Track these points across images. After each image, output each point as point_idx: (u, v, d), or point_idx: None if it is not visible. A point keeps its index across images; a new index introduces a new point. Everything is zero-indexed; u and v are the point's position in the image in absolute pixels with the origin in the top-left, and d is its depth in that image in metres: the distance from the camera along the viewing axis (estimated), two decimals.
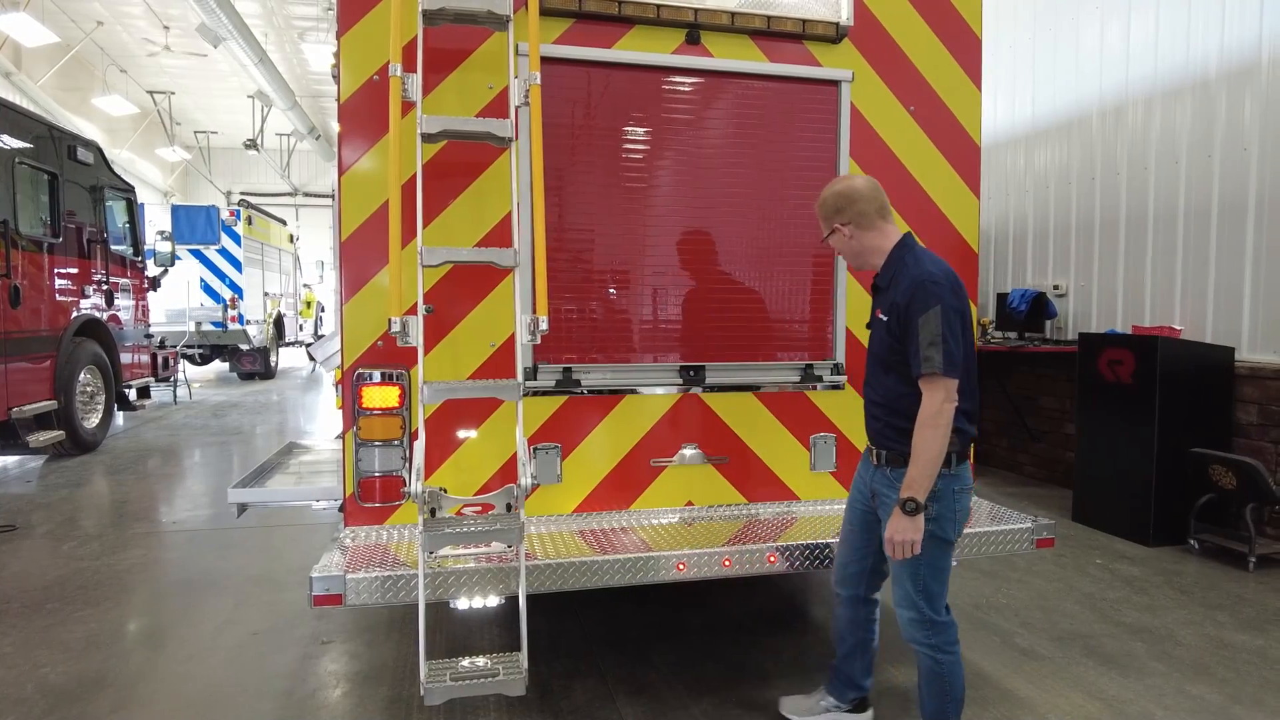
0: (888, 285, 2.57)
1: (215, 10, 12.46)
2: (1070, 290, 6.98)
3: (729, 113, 3.47)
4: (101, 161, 9.17)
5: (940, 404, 2.36)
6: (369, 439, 3.09)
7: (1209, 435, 5.37)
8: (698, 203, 3.47)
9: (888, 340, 2.53)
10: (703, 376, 3.46)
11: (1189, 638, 3.89)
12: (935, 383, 2.37)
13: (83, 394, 8.46)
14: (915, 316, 2.39)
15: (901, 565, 2.53)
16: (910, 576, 2.53)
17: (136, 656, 3.67)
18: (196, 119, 23.67)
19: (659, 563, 2.92)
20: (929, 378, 2.37)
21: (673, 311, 3.48)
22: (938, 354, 2.34)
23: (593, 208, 3.36)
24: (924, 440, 2.37)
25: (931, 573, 2.52)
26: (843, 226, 2.61)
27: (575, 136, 3.31)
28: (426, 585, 2.70)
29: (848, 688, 2.97)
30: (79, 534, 5.60)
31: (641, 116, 3.38)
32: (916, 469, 2.37)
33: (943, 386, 2.36)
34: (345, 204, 3.09)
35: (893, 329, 2.49)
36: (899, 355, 2.49)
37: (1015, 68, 7.57)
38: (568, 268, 3.33)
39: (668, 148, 3.42)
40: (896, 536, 2.41)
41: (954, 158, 3.68)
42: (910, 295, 2.42)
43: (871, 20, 3.55)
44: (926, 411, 2.37)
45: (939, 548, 2.51)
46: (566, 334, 3.35)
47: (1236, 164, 5.48)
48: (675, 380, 3.45)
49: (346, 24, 3.07)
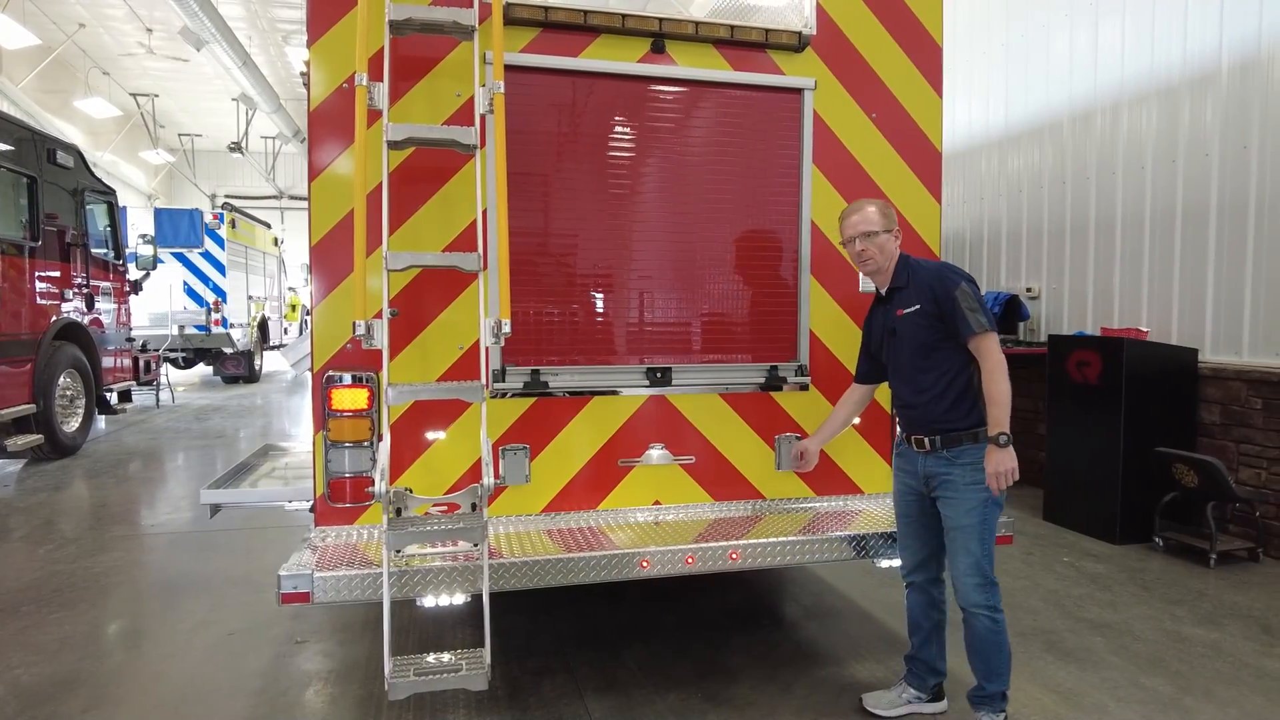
0: (905, 285, 2.96)
1: (198, 13, 12.44)
2: (1042, 293, 7.10)
3: (694, 120, 3.55)
4: (81, 165, 9.16)
5: (999, 354, 2.78)
6: (339, 440, 3.14)
7: (1174, 435, 5.49)
8: (664, 208, 3.54)
9: (924, 325, 2.89)
10: (669, 378, 3.53)
11: (1147, 632, 3.98)
12: (990, 339, 2.79)
13: (62, 398, 8.45)
14: (952, 290, 2.81)
15: (970, 535, 2.83)
16: (979, 541, 2.83)
17: (111, 657, 3.70)
18: (181, 122, 23.57)
19: (623, 560, 2.98)
20: (984, 335, 2.78)
21: (640, 314, 3.55)
22: (983, 316, 2.79)
23: (560, 213, 3.42)
24: (1000, 385, 2.76)
25: (991, 534, 2.86)
26: (898, 231, 3.02)
27: (542, 143, 3.37)
28: (393, 584, 2.76)
29: (928, 674, 3.15)
30: (56, 537, 5.61)
31: (608, 124, 3.45)
32: (999, 409, 2.75)
33: (994, 340, 2.79)
34: (315, 209, 3.14)
35: (927, 312, 2.87)
36: (938, 335, 2.87)
37: (989, 73, 7.69)
38: (536, 272, 3.39)
39: (634, 155, 3.49)
40: (1001, 468, 2.74)
41: (916, 164, 3.76)
42: (939, 277, 2.87)
43: (834, 29, 3.63)
44: (992, 362, 2.77)
45: (995, 512, 2.88)
46: (535, 336, 3.41)
47: (1199, 169, 5.60)
48: (642, 382, 3.51)
49: (316, 33, 3.13)
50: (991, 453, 2.77)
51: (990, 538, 2.85)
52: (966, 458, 2.86)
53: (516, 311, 3.31)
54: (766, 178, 3.62)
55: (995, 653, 2.88)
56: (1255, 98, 5.22)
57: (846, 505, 3.72)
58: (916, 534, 3.10)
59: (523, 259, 3.33)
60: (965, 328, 2.79)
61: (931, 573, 3.12)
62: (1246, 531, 5.22)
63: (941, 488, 2.92)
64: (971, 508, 2.84)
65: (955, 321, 2.81)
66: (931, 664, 3.14)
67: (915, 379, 2.96)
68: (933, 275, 2.90)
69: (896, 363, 3.04)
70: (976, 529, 2.83)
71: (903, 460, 3.11)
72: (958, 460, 2.88)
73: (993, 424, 2.76)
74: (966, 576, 2.86)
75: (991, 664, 2.89)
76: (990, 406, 2.77)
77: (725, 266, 3.63)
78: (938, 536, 3.03)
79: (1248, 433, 5.24)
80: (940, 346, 2.89)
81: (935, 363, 2.90)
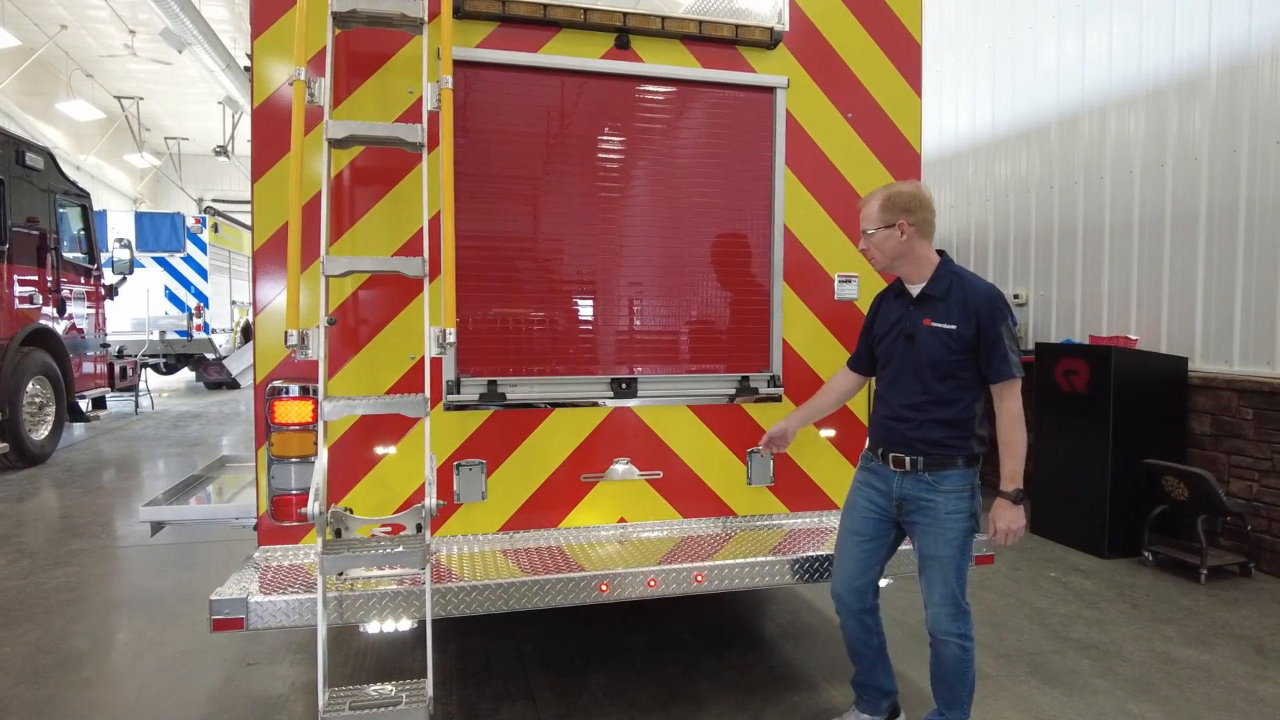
0: (944, 296, 2.70)
1: (179, 15, 12.26)
2: (1030, 299, 6.96)
3: (660, 120, 3.39)
4: (53, 167, 8.97)
5: (1020, 405, 2.64)
6: (283, 455, 2.97)
7: (1164, 446, 5.35)
8: (629, 212, 3.38)
9: (953, 348, 2.66)
10: (635, 389, 3.37)
11: (1135, 653, 3.83)
12: (1015, 386, 2.65)
13: (30, 405, 8.24)
14: (999, 325, 2.62)
15: (948, 565, 2.68)
16: (956, 571, 2.68)
17: (48, 683, 3.51)
18: (166, 125, 23.36)
19: (579, 584, 2.82)
20: (1012, 382, 2.64)
21: (604, 324, 3.39)
22: (1019, 360, 2.65)
23: (518, 216, 3.26)
24: (1019, 436, 2.64)
25: (967, 563, 2.72)
26: (909, 225, 2.69)
27: (499, 143, 3.21)
28: (332, 609, 2.59)
29: (879, 697, 2.99)
30: (10, 550, 5.41)
31: (569, 123, 3.29)
32: (1015, 462, 2.64)
33: (1018, 389, 2.66)
34: (258, 212, 2.98)
35: (962, 336, 2.64)
36: (962, 361, 2.66)
37: (975, 77, 7.57)
38: (492, 277, 3.23)
39: (596, 156, 3.33)
40: (1009, 525, 2.64)
41: (894, 166, 3.61)
42: (991, 307, 2.64)
43: (808, 26, 3.49)
44: (1013, 412, 2.64)
45: (972, 541, 2.73)
46: (492, 345, 3.25)
47: (1188, 174, 5.48)
48: (607, 394, 3.35)
49: (260, 26, 2.97)
50: (1004, 508, 2.65)
51: (967, 568, 2.73)
52: (950, 484, 2.68)
53: (472, 319, 3.15)
54: (737, 180, 3.47)
55: (960, 680, 2.74)
56: (1245, 101, 5.10)
57: (821, 522, 3.56)
58: (863, 556, 2.86)
59: (478, 264, 3.17)
60: (999, 369, 2.62)
61: (866, 602, 2.88)
62: (1238, 545, 5.08)
63: (919, 514, 2.73)
64: (952, 539, 2.68)
65: (992, 358, 2.62)
66: (880, 687, 2.98)
67: (916, 395, 2.72)
68: (983, 301, 2.64)
69: (899, 370, 2.77)
70: (955, 559, 2.68)
71: (873, 477, 2.86)
72: (940, 487, 2.69)
73: (1008, 478, 2.65)
74: (941, 606, 2.70)
75: (955, 691, 2.76)
76: (1007, 459, 2.65)
77: (694, 273, 3.47)
78: (883, 563, 2.88)
79: (1239, 444, 5.11)
80: (959, 373, 2.67)
81: (946, 386, 2.68)
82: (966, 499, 2.69)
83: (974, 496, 2.72)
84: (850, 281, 3.56)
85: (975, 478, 2.73)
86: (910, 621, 4.18)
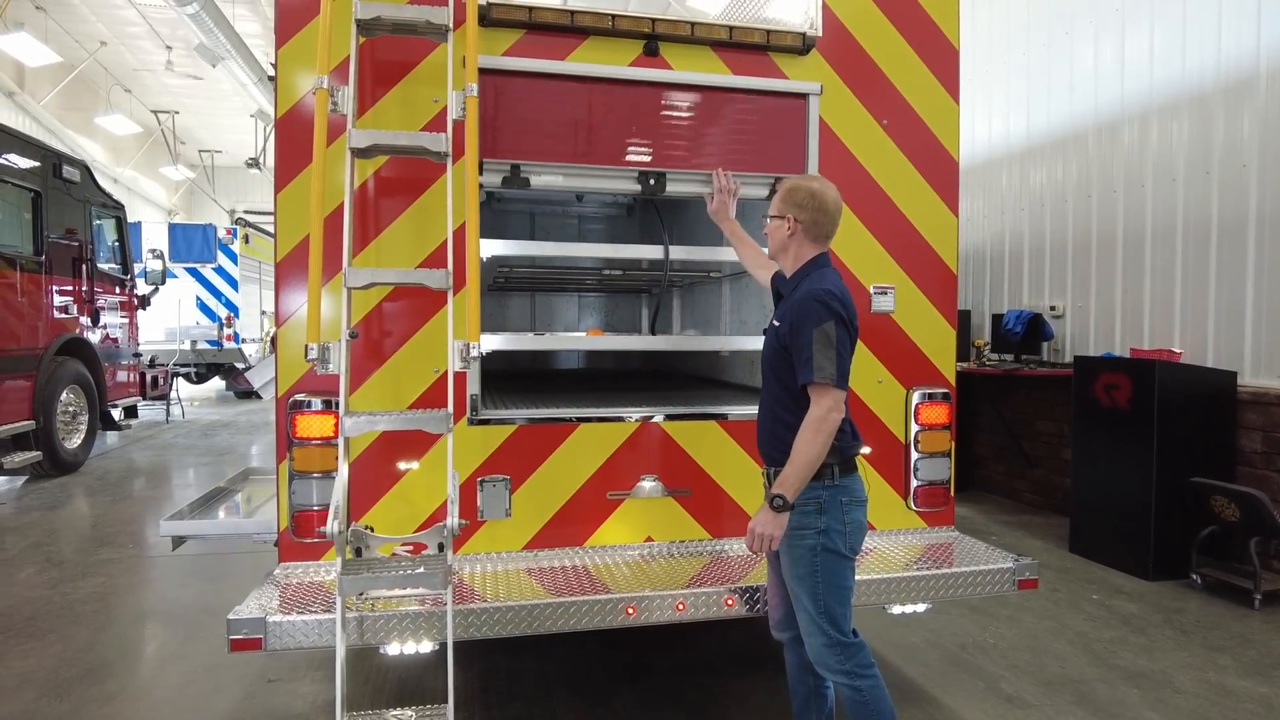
0: (790, 294, 2.53)
1: (214, 30, 12.46)
2: (1067, 311, 6.77)
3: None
4: (89, 180, 9.11)
5: (827, 410, 2.33)
6: (304, 470, 2.92)
7: (1210, 464, 5.13)
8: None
9: (776, 346, 2.50)
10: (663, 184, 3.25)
11: (1188, 684, 3.65)
12: (825, 391, 2.35)
13: (64, 414, 8.34)
14: (810, 326, 2.36)
15: (801, 589, 2.46)
16: (810, 597, 2.44)
17: (70, 695, 3.49)
18: (200, 138, 23.77)
19: (605, 607, 2.72)
20: (820, 386, 2.34)
21: None
22: (831, 365, 2.33)
23: None
24: (805, 443, 2.33)
25: (830, 590, 2.44)
26: (795, 222, 2.54)
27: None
28: (352, 630, 2.52)
29: None
30: (40, 560, 5.44)
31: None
32: (792, 469, 2.34)
33: (831, 395, 2.35)
34: (281, 223, 2.94)
35: (782, 334, 2.47)
36: (786, 362, 2.45)
37: (1009, 84, 7.41)
38: None
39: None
40: (758, 529, 2.38)
41: (930, 174, 3.49)
42: (803, 306, 2.40)
43: (841, 31, 3.39)
44: (813, 415, 2.34)
45: (834, 562, 2.44)
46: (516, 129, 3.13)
47: (1236, 181, 5.28)
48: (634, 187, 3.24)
49: (284, 35, 2.94)
50: (761, 510, 2.39)
51: (831, 590, 2.42)
52: None
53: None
54: None
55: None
56: None
57: None
58: (778, 583, 2.66)
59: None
60: (805, 371, 2.35)
61: (796, 630, 2.63)
62: None
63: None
64: (799, 557, 2.43)
65: (798, 359, 2.39)
66: None
67: (766, 397, 2.58)
68: (799, 299, 2.43)
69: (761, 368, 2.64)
70: (807, 581, 2.42)
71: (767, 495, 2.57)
72: None
73: (778, 482, 2.36)
74: (807, 635, 2.48)
75: None
76: (787, 463, 2.35)
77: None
78: None
79: None
80: (782, 376, 2.49)
81: (785, 389, 2.49)
82: (812, 514, 2.40)
83: (825, 512, 2.41)
84: (886, 293, 3.44)
85: (828, 491, 2.42)
86: (946, 645, 4.03)
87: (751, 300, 4.12)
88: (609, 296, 6.35)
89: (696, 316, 5.33)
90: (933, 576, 3.03)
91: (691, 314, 5.50)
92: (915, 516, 3.53)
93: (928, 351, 3.53)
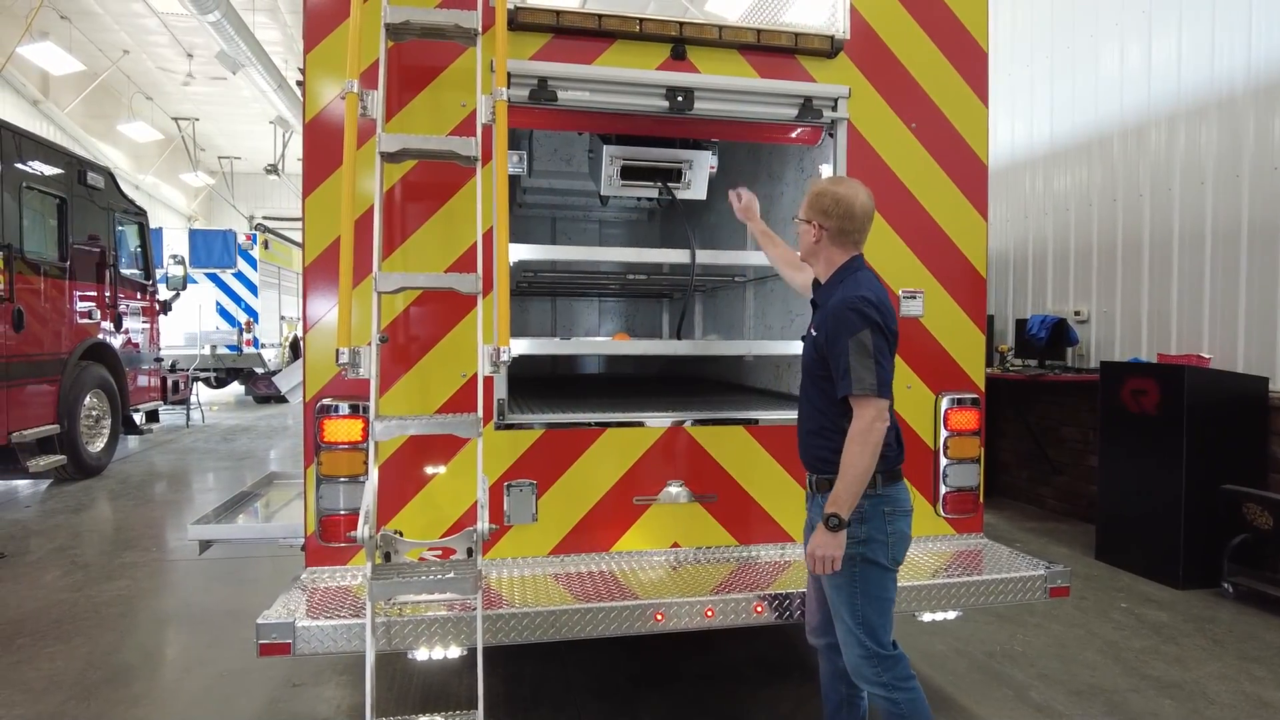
0: (825, 302, 2.49)
1: (234, 38, 12.60)
2: (1092, 316, 6.69)
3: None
4: (113, 186, 9.21)
5: (871, 421, 2.29)
6: (332, 475, 2.92)
7: (1242, 471, 5.05)
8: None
9: (814, 354, 2.47)
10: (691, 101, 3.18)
11: (1223, 695, 3.58)
12: (867, 402, 2.30)
13: (87, 418, 8.42)
14: (844, 336, 2.32)
15: (839, 598, 2.43)
16: (848, 608, 2.41)
17: (96, 699, 3.50)
18: (220, 144, 24.02)
19: (635, 613, 2.70)
20: (861, 398, 2.29)
21: None
22: (870, 375, 2.28)
23: None
24: (852, 455, 2.29)
25: (869, 602, 2.40)
26: (820, 229, 2.50)
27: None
28: (380, 635, 2.51)
29: None
30: (66, 563, 5.48)
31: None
32: (842, 485, 2.30)
33: (874, 405, 2.30)
34: (309, 228, 2.94)
35: (819, 343, 2.43)
36: (826, 372, 2.41)
37: (1033, 88, 7.35)
38: None
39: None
40: (817, 552, 2.34)
41: (959, 177, 3.46)
42: (838, 315, 2.36)
43: (869, 33, 3.37)
44: (857, 428, 2.30)
45: (874, 573, 2.40)
46: None
47: (1267, 184, 5.20)
48: (662, 104, 3.19)
49: (313, 41, 2.95)
50: (818, 532, 2.35)
51: (870, 602, 2.39)
52: None
53: None
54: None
55: None
56: None
57: None
58: (817, 588, 2.63)
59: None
60: (844, 383, 2.31)
61: (831, 636, 2.61)
62: None
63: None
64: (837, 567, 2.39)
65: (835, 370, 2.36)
66: None
67: (806, 405, 2.54)
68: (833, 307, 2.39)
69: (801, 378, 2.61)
70: (845, 590, 2.40)
71: (808, 499, 2.63)
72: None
73: (830, 500, 2.31)
74: (846, 648, 2.45)
75: None
76: (837, 479, 2.31)
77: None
78: None
79: None
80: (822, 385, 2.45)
81: (823, 397, 2.45)
82: (854, 524, 2.35)
83: (867, 521, 2.37)
84: (915, 298, 3.41)
85: (870, 501, 2.37)
86: (973, 653, 3.98)
87: (776, 304, 4.10)
88: (629, 301, 6.34)
89: (719, 321, 5.30)
90: (964, 584, 2.99)
91: (714, 319, 5.48)
92: (944, 523, 3.49)
93: (957, 356, 3.49)
